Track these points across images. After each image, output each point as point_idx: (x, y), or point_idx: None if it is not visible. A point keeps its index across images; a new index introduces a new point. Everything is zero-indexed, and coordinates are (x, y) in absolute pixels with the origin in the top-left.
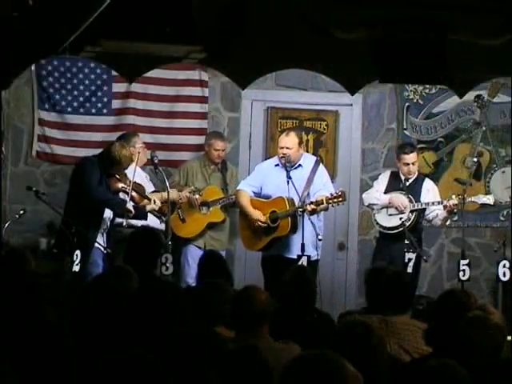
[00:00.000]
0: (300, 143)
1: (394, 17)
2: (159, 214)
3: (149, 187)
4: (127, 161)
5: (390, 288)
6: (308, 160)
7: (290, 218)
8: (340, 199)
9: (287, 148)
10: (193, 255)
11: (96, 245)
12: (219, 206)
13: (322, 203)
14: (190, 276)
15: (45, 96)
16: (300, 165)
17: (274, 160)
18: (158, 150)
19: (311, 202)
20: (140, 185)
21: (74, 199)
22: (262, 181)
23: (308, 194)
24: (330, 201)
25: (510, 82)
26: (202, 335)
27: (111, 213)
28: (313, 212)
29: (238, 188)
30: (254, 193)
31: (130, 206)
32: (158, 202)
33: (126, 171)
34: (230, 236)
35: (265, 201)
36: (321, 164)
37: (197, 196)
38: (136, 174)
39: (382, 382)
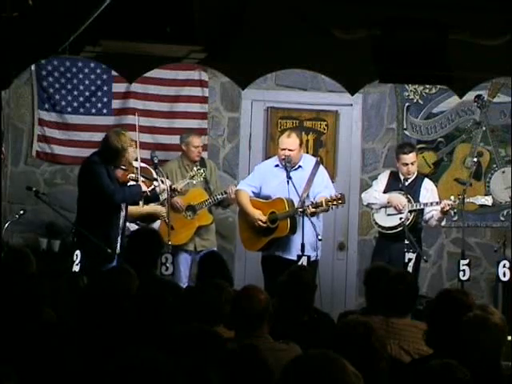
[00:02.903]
0: (301, 144)
1: (393, 16)
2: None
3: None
4: (126, 145)
5: (393, 289)
6: (308, 161)
7: (289, 219)
8: (340, 201)
9: (289, 150)
10: (182, 261)
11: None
12: (206, 208)
13: (322, 205)
14: (182, 281)
15: (45, 96)
16: (300, 166)
17: (274, 160)
18: (158, 149)
19: (311, 203)
20: (147, 168)
21: (86, 204)
22: (262, 181)
23: (308, 196)
24: (330, 203)
25: (510, 81)
26: (201, 335)
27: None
28: (313, 214)
29: (237, 188)
30: (253, 193)
31: (143, 187)
32: (167, 182)
33: (130, 159)
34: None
35: (264, 201)
36: (321, 165)
37: (194, 181)
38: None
39: (381, 382)
